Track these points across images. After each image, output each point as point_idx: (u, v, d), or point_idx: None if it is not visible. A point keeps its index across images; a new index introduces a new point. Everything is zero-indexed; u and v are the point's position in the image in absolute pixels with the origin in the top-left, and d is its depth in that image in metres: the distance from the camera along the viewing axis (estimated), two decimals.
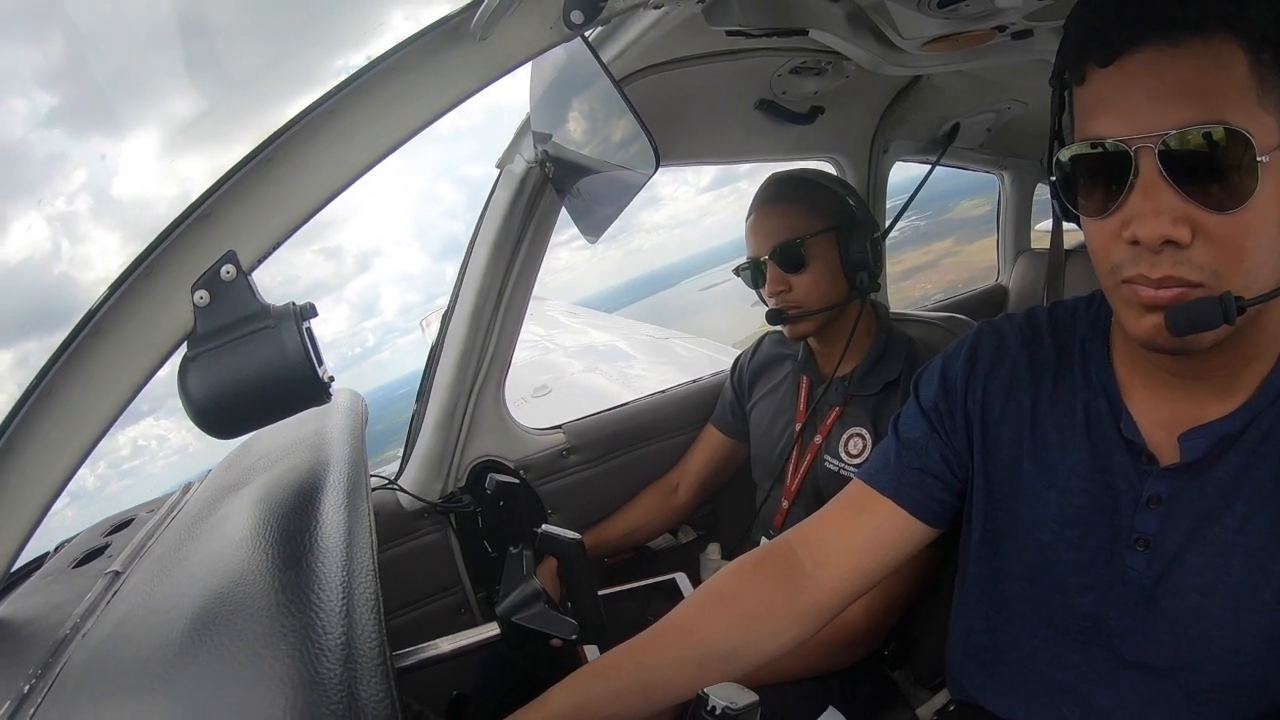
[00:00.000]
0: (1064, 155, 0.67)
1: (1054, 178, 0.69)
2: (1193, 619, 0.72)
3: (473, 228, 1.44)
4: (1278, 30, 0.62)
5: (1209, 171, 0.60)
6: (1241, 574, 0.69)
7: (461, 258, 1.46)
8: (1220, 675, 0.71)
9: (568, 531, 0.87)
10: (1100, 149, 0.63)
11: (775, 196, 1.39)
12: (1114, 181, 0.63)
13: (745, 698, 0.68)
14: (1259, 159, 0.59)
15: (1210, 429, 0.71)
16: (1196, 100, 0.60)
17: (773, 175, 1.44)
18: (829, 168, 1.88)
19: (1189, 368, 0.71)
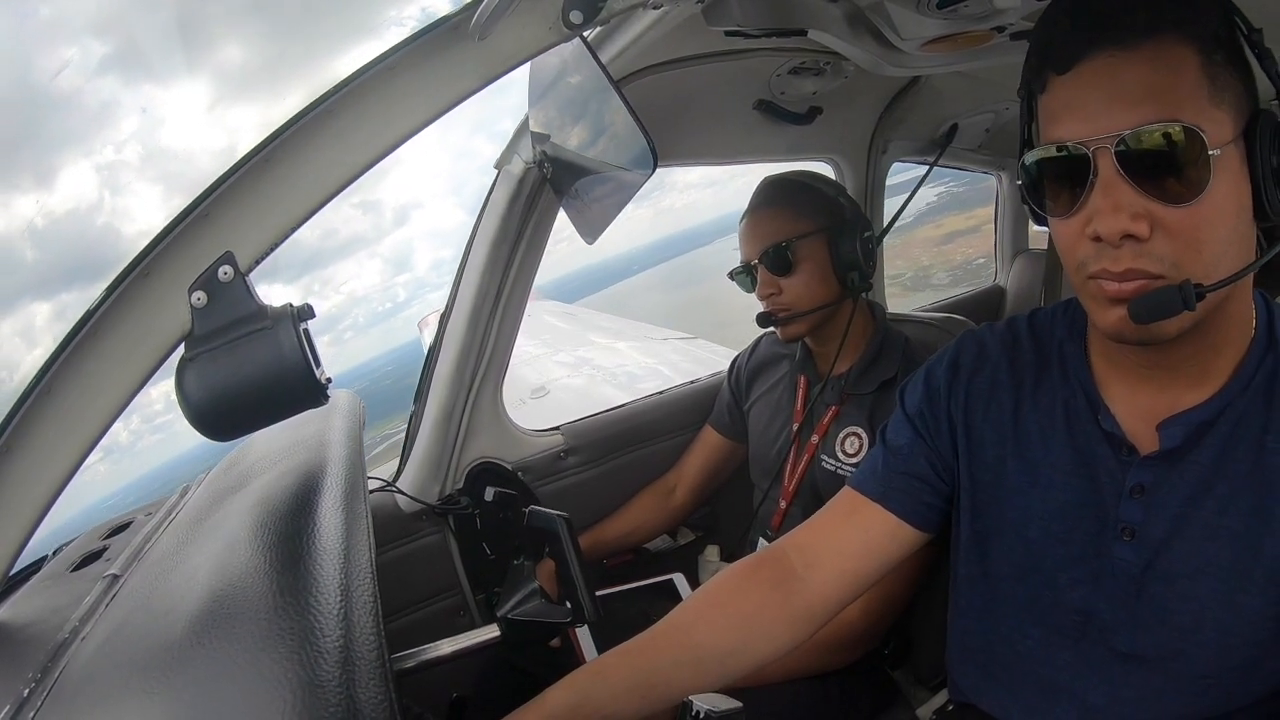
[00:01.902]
0: (1029, 159, 0.70)
1: (1020, 181, 0.72)
2: (1182, 604, 0.73)
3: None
4: (1228, 31, 0.65)
5: (1164, 168, 0.62)
6: (1228, 557, 0.71)
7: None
8: (1213, 661, 0.72)
9: (554, 511, 0.87)
10: (1062, 152, 0.66)
11: (766, 201, 1.40)
12: (1076, 182, 0.66)
13: (727, 704, 0.71)
14: (1211, 153, 0.62)
15: (1187, 416, 0.73)
16: (1150, 100, 0.62)
17: (765, 179, 1.44)
18: (827, 168, 1.88)
19: (1161, 359, 0.73)
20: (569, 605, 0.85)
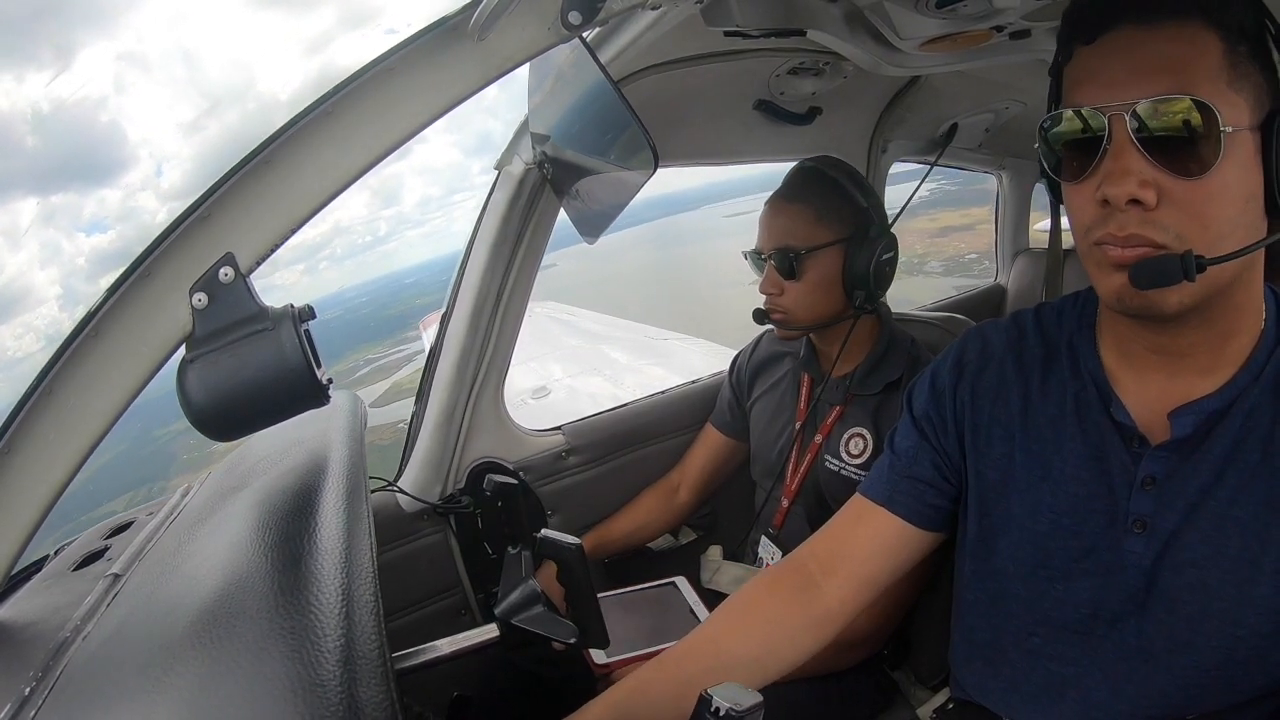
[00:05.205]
0: (1047, 122, 0.72)
1: (1038, 145, 0.74)
2: (1190, 594, 0.73)
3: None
4: (1255, 26, 0.66)
5: (1176, 139, 0.64)
6: (1238, 546, 0.71)
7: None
8: (1218, 653, 0.73)
9: (567, 536, 0.87)
10: (1079, 116, 0.68)
11: (792, 194, 1.36)
12: (1090, 147, 0.67)
13: (749, 698, 0.66)
14: (1223, 130, 0.63)
15: (1198, 405, 0.73)
16: (1169, 74, 0.64)
17: (798, 164, 1.40)
18: None
19: (1169, 344, 0.74)
20: (574, 625, 0.85)
